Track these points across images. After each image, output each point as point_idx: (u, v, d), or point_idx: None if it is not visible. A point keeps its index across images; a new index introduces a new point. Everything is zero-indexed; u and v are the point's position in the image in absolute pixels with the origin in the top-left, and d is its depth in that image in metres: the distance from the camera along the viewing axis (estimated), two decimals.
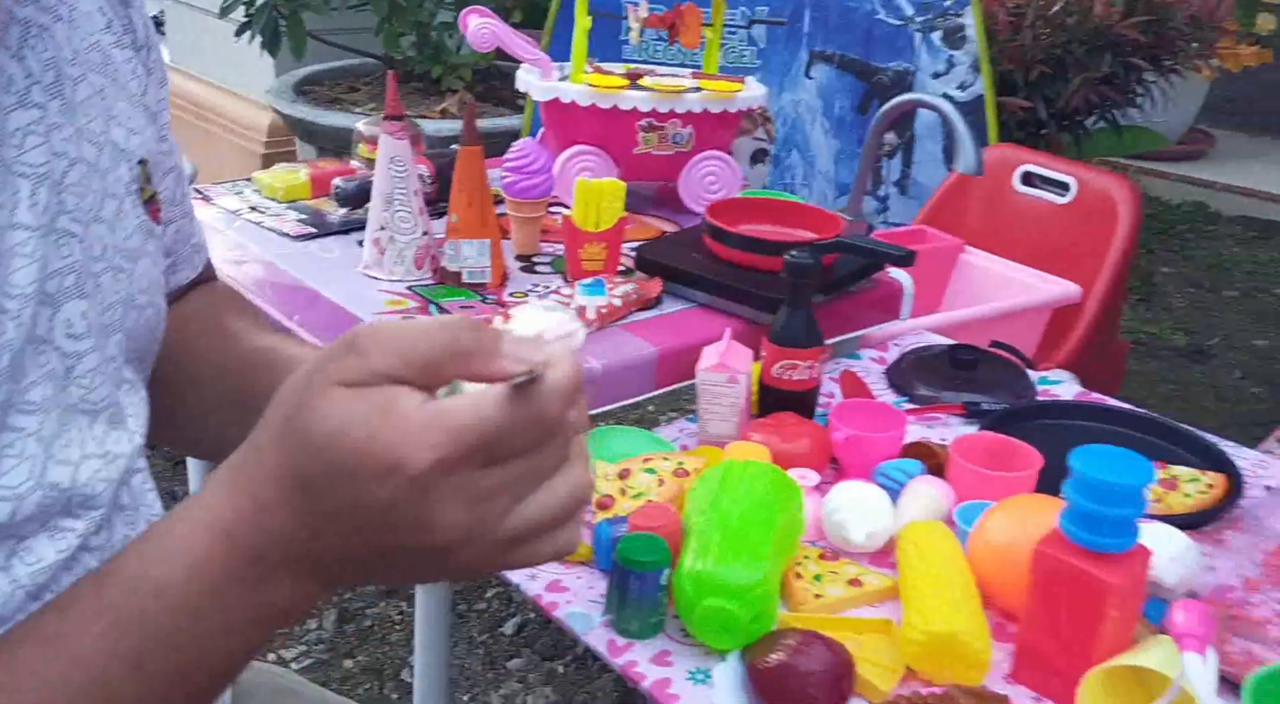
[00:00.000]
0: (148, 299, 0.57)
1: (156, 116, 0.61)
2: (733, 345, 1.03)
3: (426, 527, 0.40)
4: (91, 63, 0.54)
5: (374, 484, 0.39)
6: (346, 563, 0.43)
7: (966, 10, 2.02)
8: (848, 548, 0.89)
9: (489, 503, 0.41)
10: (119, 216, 0.54)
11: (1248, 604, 0.83)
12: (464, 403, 0.39)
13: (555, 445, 0.42)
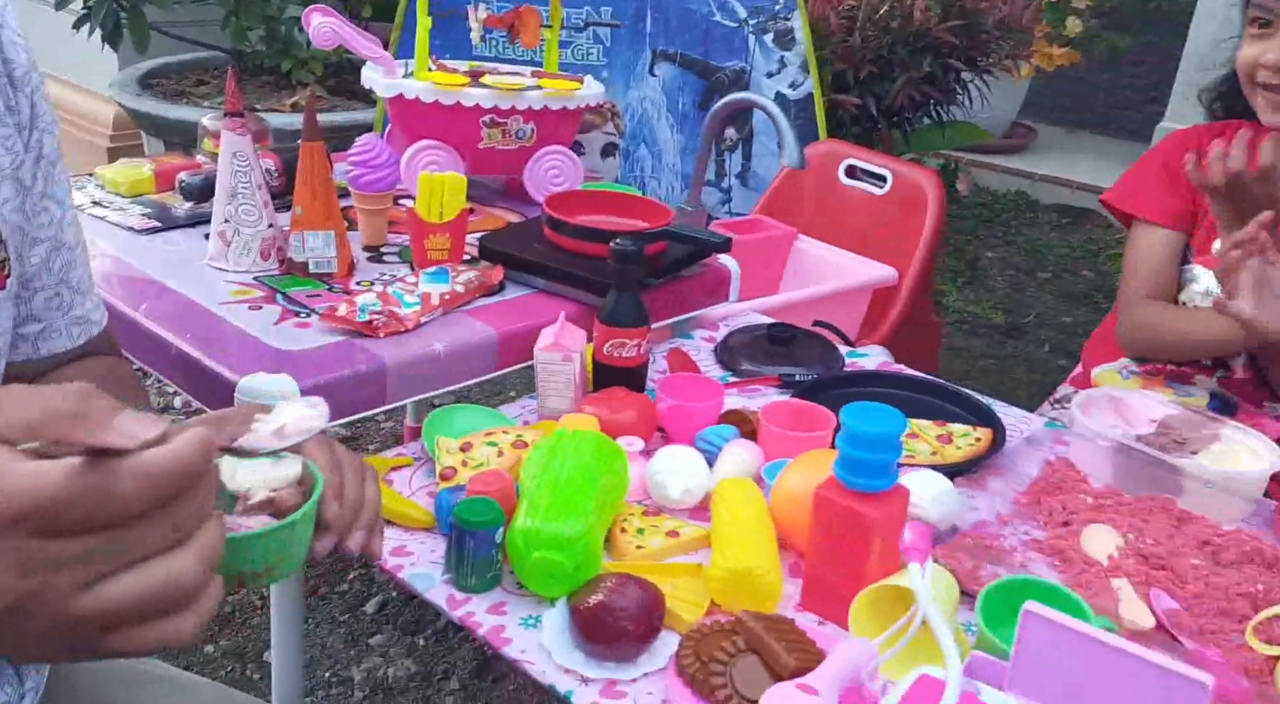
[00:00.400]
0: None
1: (27, 190, 0.65)
2: (567, 327, 1.12)
3: None
4: None
5: None
6: None
7: (794, 14, 2.17)
8: (668, 504, 0.99)
9: (50, 575, 0.38)
10: None
11: (1000, 536, 0.98)
12: (28, 465, 0.37)
13: (151, 526, 0.39)
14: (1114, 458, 1.05)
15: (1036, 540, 0.96)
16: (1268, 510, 0.99)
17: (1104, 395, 1.16)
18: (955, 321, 2.97)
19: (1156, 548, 0.93)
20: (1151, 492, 1.00)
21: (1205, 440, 1.07)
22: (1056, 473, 1.06)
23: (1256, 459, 1.03)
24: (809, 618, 0.87)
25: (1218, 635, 0.84)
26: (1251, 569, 0.91)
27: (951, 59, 2.67)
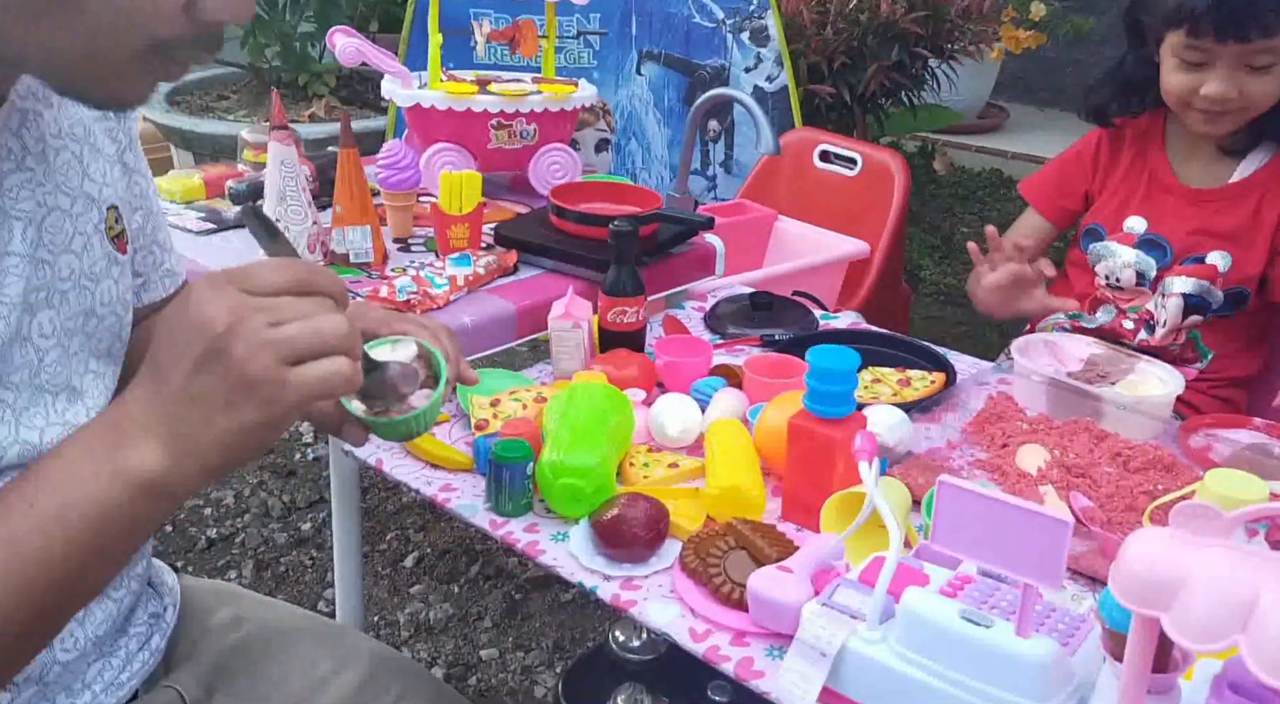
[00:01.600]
0: (109, 310, 0.78)
1: (130, 170, 0.82)
2: (575, 299, 1.30)
3: (203, 322, 0.55)
4: (74, 135, 0.75)
5: (175, 318, 0.57)
6: (171, 404, 0.57)
7: (768, 13, 2.35)
8: (668, 443, 1.17)
9: (246, 312, 0.55)
10: (85, 249, 0.75)
11: (949, 458, 1.16)
12: None
13: (316, 302, 0.58)
14: (1047, 391, 1.23)
15: (980, 459, 1.15)
16: (1174, 428, 1.17)
17: (1040, 340, 1.34)
18: (932, 293, 3.15)
19: (1078, 461, 1.11)
20: (1077, 417, 1.18)
21: (1123, 373, 1.25)
22: (998, 405, 1.24)
23: (1163, 385, 1.22)
24: (789, 527, 1.05)
25: (1124, 525, 1.02)
26: (1154, 473, 1.09)
27: (918, 48, 2.86)
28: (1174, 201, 1.41)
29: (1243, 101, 1.29)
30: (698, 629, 0.90)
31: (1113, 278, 1.42)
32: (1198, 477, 1.08)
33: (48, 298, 0.71)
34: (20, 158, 0.69)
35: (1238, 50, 1.25)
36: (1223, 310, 1.37)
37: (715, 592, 0.92)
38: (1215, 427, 1.18)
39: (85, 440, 0.60)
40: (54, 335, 0.72)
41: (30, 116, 0.71)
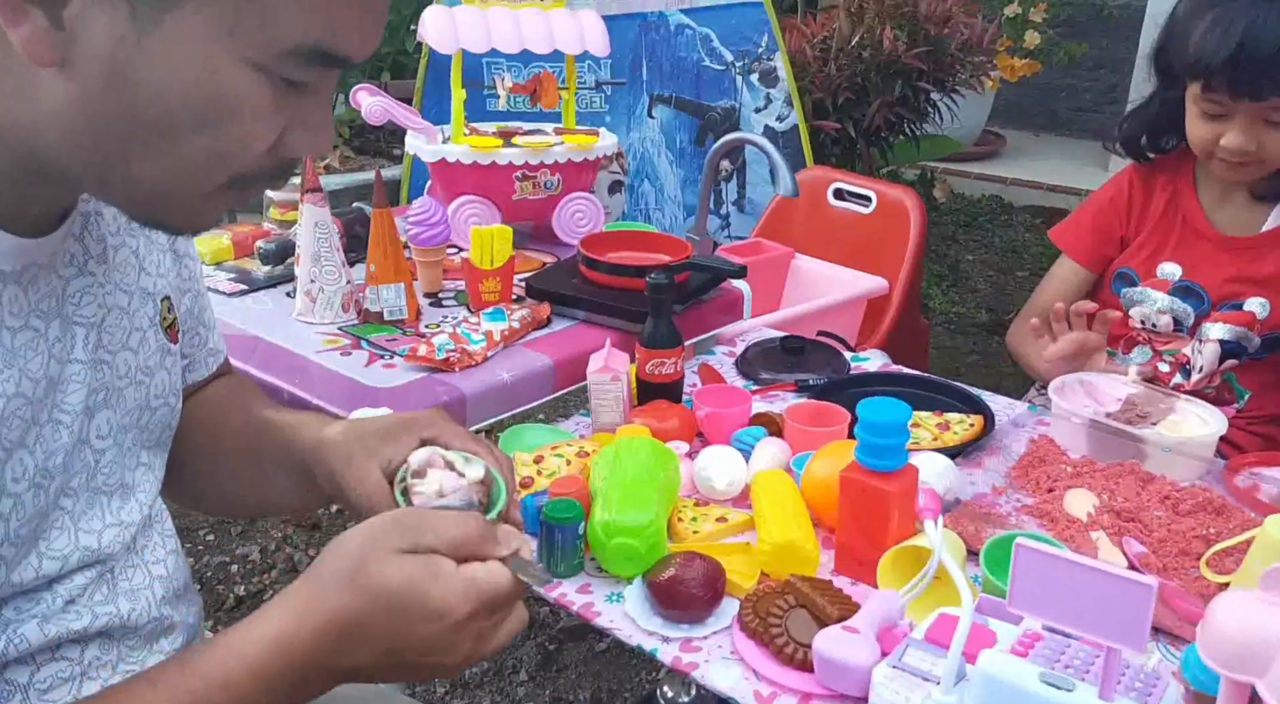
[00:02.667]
0: (162, 401, 0.78)
1: (181, 256, 0.83)
2: (613, 351, 1.31)
3: (448, 652, 0.61)
4: (130, 230, 0.76)
5: (423, 624, 0.60)
6: (367, 672, 0.63)
7: (776, 55, 2.38)
8: (714, 496, 1.17)
9: (491, 635, 0.63)
10: (141, 344, 0.75)
11: (996, 504, 1.16)
12: (484, 574, 0.62)
13: (520, 604, 0.66)
14: (1088, 433, 1.23)
15: (1027, 506, 1.15)
16: (1217, 468, 1.18)
17: (1076, 380, 1.35)
18: (942, 322, 3.16)
19: (1126, 505, 1.11)
20: (1120, 459, 1.19)
21: (1163, 413, 1.26)
22: (1040, 449, 1.24)
23: (1205, 426, 1.22)
24: (842, 581, 1.05)
25: (1179, 571, 1.02)
26: (1204, 516, 1.09)
27: (921, 82, 2.89)
28: (1208, 248, 1.41)
29: (1261, 154, 1.30)
30: (763, 692, 0.89)
31: (1148, 323, 1.43)
32: (1249, 519, 1.08)
33: (105, 398, 0.71)
34: (83, 262, 0.69)
35: (1253, 106, 1.27)
36: (1258, 353, 1.38)
37: (778, 652, 0.92)
38: (1259, 465, 1.18)
39: (264, 678, 0.61)
40: (110, 435, 0.72)
41: (92, 218, 0.71)
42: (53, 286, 0.66)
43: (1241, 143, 1.29)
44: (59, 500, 0.68)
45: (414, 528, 0.62)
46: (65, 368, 0.67)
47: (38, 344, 0.65)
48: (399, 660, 0.62)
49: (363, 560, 0.61)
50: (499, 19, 1.61)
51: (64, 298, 0.67)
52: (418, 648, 0.61)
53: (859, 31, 2.84)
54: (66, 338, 0.67)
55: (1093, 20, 4.72)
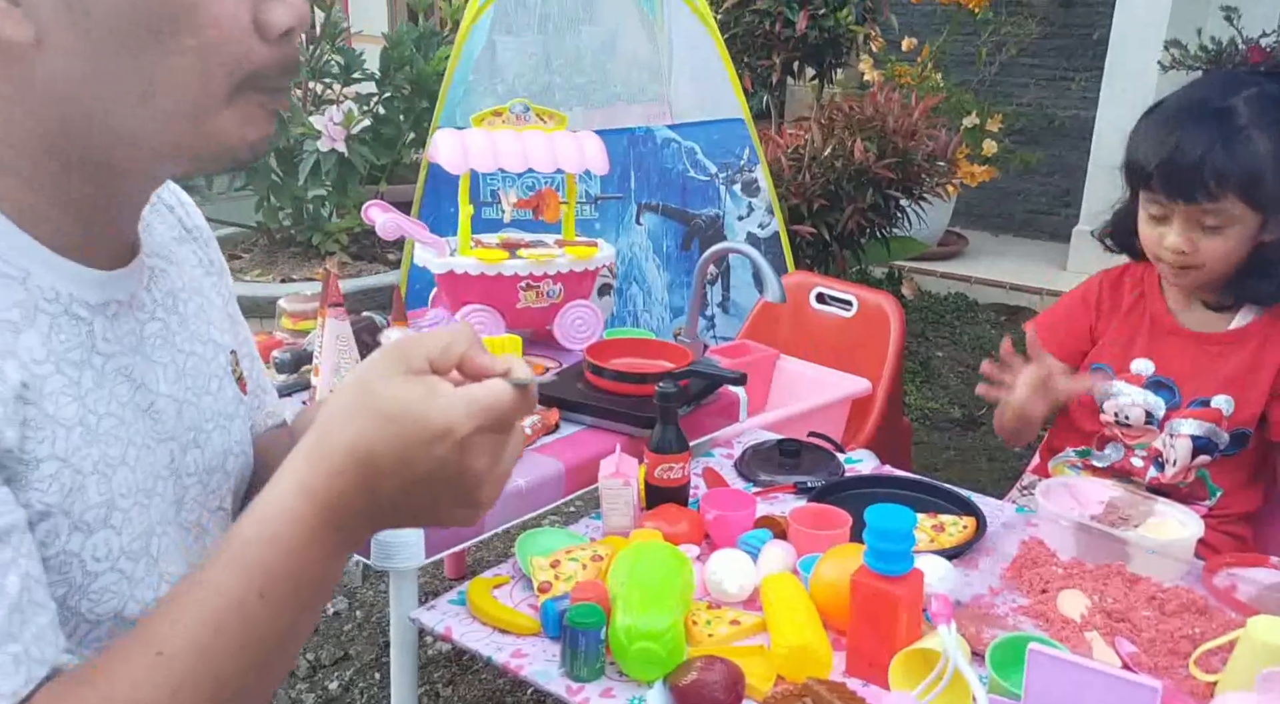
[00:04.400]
0: (240, 449, 0.82)
1: (235, 321, 0.88)
2: (623, 457, 1.36)
3: (463, 472, 0.58)
4: (192, 289, 0.81)
5: (429, 444, 0.57)
6: (395, 509, 0.60)
7: (757, 167, 2.51)
8: (726, 599, 1.21)
9: (499, 458, 0.60)
10: (220, 390, 0.80)
11: (994, 606, 1.22)
12: (481, 390, 0.58)
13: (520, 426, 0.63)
14: (1075, 535, 1.30)
15: (1023, 606, 1.20)
16: (1198, 569, 1.25)
17: (1060, 483, 1.42)
18: (918, 418, 3.25)
19: (1116, 605, 1.17)
20: (1107, 560, 1.25)
21: (1144, 515, 1.33)
22: (1031, 550, 1.30)
23: (1184, 528, 1.29)
24: (854, 682, 1.09)
25: (1170, 670, 1.08)
26: (1190, 616, 1.16)
27: (890, 190, 3.06)
28: (1179, 343, 1.49)
29: (1199, 258, 1.38)
30: None
31: (1121, 416, 1.51)
32: (1230, 619, 1.14)
33: (194, 438, 0.75)
34: (153, 310, 0.74)
35: (1188, 209, 1.35)
36: (1228, 450, 1.46)
37: None
38: (1235, 566, 1.25)
39: (305, 526, 0.60)
40: (197, 473, 0.76)
41: (157, 273, 0.76)
42: (132, 326, 0.71)
43: (1178, 243, 1.37)
44: (165, 528, 0.70)
45: (407, 350, 0.60)
46: (155, 400, 0.71)
47: (129, 373, 0.69)
48: (422, 491, 0.59)
49: (364, 389, 0.59)
50: (506, 141, 1.71)
51: (142, 338, 0.72)
52: (434, 473, 0.58)
53: (830, 143, 3.00)
54: (151, 373, 0.72)
55: (1045, 130, 5.00)
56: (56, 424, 0.62)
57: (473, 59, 2.47)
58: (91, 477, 0.64)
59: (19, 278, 0.62)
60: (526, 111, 1.69)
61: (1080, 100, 4.90)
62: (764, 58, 3.39)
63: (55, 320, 0.64)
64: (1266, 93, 1.36)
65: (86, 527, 0.64)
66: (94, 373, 0.66)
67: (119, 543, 0.66)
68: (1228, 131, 1.32)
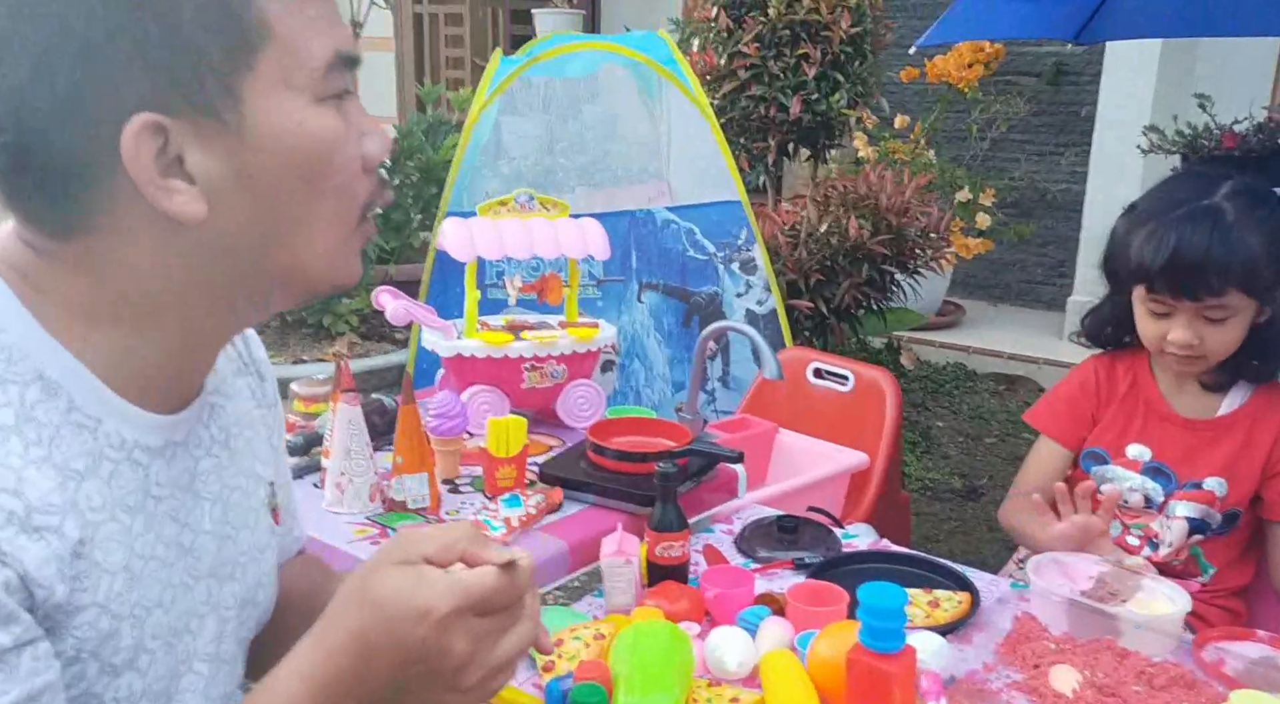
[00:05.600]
0: (269, 579, 0.86)
1: (277, 450, 0.93)
2: (625, 535, 1.40)
3: (445, 654, 0.63)
4: (244, 422, 0.85)
5: (412, 625, 0.63)
6: (386, 692, 0.65)
7: (754, 246, 2.60)
8: (726, 676, 1.24)
9: (484, 639, 0.64)
10: (257, 523, 0.84)
11: (987, 681, 1.24)
12: (469, 574, 0.64)
13: (520, 607, 0.68)
14: (1066, 610, 1.33)
15: (1016, 682, 1.23)
16: (1186, 643, 1.28)
17: (1050, 559, 1.46)
18: (918, 488, 3.28)
19: (1107, 680, 1.20)
20: (1097, 635, 1.28)
21: (1132, 590, 1.36)
22: (1024, 626, 1.33)
23: (1172, 604, 1.33)
24: None
25: None
26: (1178, 691, 1.18)
27: (885, 265, 3.13)
28: (1172, 430, 1.54)
29: (1204, 348, 1.45)
30: None
31: (1120, 500, 1.56)
32: (1217, 693, 1.17)
33: (232, 572, 0.79)
34: (209, 446, 0.78)
35: (1192, 306, 1.42)
36: (1221, 529, 1.50)
37: None
38: (1223, 640, 1.28)
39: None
40: (234, 606, 0.79)
41: (216, 409, 0.80)
42: (187, 464, 0.75)
43: (1186, 338, 1.43)
44: (193, 664, 0.73)
45: (406, 543, 0.66)
46: (197, 538, 0.75)
47: (175, 514, 0.73)
48: (410, 675, 0.63)
49: (365, 578, 0.65)
50: (511, 229, 1.79)
51: (195, 474, 0.76)
52: (419, 656, 0.63)
53: (826, 220, 3.09)
54: (196, 510, 0.75)
55: (1037, 203, 5.12)
56: (103, 571, 0.65)
57: (480, 145, 2.58)
58: (126, 621, 0.67)
59: (90, 426, 0.66)
60: (531, 200, 1.78)
61: (1070, 175, 5.03)
62: (759, 140, 3.51)
63: (117, 467, 0.68)
64: (1242, 188, 1.43)
65: (114, 669, 0.66)
66: (145, 517, 0.69)
67: (141, 685, 0.68)
68: (1222, 230, 1.38)
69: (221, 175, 0.64)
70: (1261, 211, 1.40)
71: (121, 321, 0.68)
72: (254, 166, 0.65)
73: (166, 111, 0.62)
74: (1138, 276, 1.46)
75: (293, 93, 0.65)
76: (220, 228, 0.66)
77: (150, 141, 0.62)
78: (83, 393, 0.66)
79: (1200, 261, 1.37)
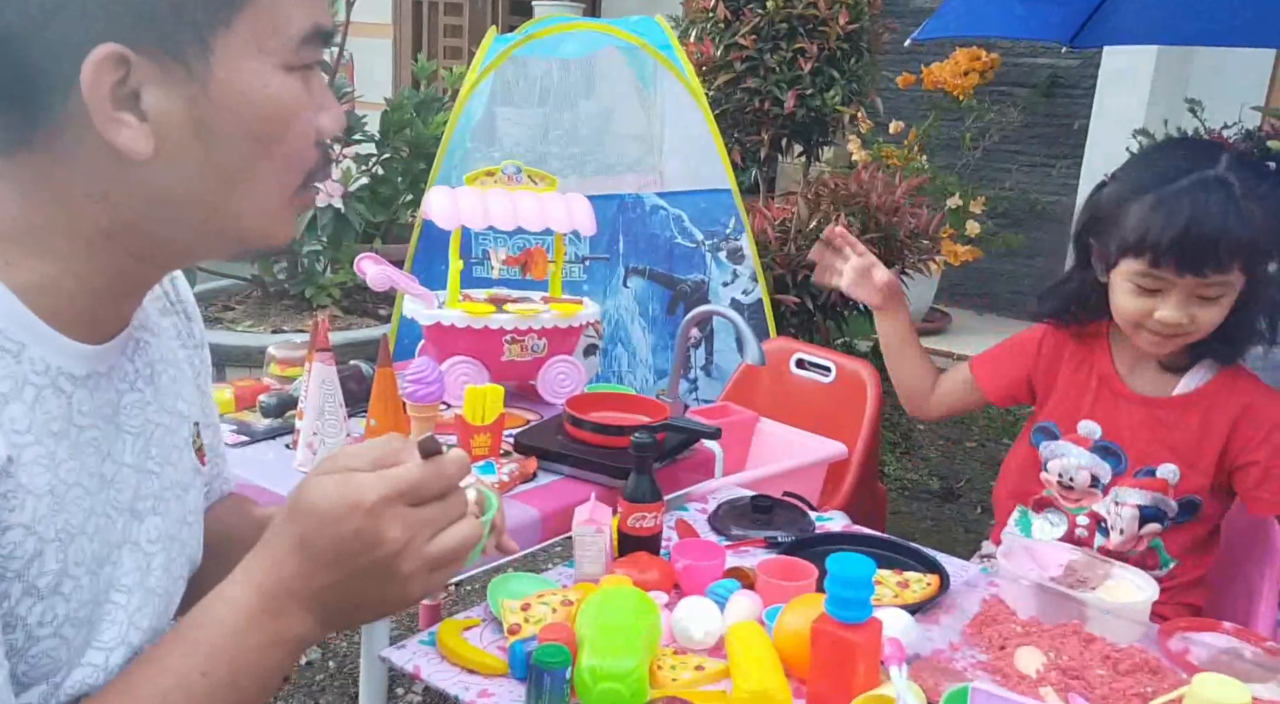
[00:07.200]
0: (195, 518, 0.86)
1: (204, 392, 0.93)
2: (598, 505, 1.39)
3: (380, 541, 0.65)
4: (169, 361, 0.85)
5: (345, 518, 0.65)
6: (334, 595, 0.67)
7: (742, 235, 2.60)
8: (692, 646, 1.23)
9: (417, 529, 0.66)
10: (180, 460, 0.84)
11: (953, 660, 1.24)
12: (396, 469, 0.66)
13: (456, 500, 0.69)
14: (1035, 595, 1.33)
15: (981, 662, 1.23)
16: (1153, 631, 1.28)
17: (1021, 546, 1.46)
18: (896, 488, 3.28)
19: (1071, 663, 1.20)
20: (1064, 620, 1.28)
21: (1101, 578, 1.37)
22: (991, 608, 1.33)
23: (1140, 591, 1.33)
24: None
25: None
26: (1142, 675, 1.18)
27: None
28: (1126, 407, 1.50)
29: (1191, 327, 1.37)
30: None
31: (1066, 477, 1.54)
32: (1180, 680, 1.17)
33: (154, 506, 0.78)
34: (133, 380, 0.78)
35: (1193, 282, 1.34)
36: (1180, 517, 1.50)
37: None
38: (1189, 630, 1.28)
39: (245, 610, 0.68)
40: (159, 541, 0.78)
41: (141, 344, 0.80)
42: (109, 396, 0.75)
43: (1176, 317, 1.35)
44: (111, 594, 0.73)
45: (335, 457, 0.69)
46: (119, 470, 0.75)
47: (98, 444, 0.72)
48: (352, 569, 0.66)
49: (297, 493, 0.68)
50: (497, 200, 1.78)
51: (118, 407, 0.76)
52: (356, 550, 0.65)
53: (816, 216, 3.10)
54: (119, 443, 0.75)
55: (1027, 214, 5.15)
56: (29, 493, 0.65)
57: (470, 125, 2.57)
58: (52, 544, 0.67)
59: (14, 351, 0.66)
60: (518, 172, 1.77)
61: (1061, 187, 5.06)
62: (753, 133, 3.51)
63: (41, 392, 0.68)
64: (1240, 161, 1.36)
65: (38, 592, 0.66)
66: (69, 444, 0.69)
67: (66, 610, 0.68)
68: (1235, 202, 1.30)
69: (175, 120, 0.65)
70: (1263, 186, 1.34)
71: (48, 253, 0.67)
72: (211, 118, 0.65)
73: (134, 46, 0.62)
74: (1137, 250, 1.36)
75: (264, 56, 0.66)
76: (163, 171, 0.66)
77: (112, 71, 0.62)
78: (5, 317, 0.66)
79: (1215, 235, 1.29)
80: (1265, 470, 1.43)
